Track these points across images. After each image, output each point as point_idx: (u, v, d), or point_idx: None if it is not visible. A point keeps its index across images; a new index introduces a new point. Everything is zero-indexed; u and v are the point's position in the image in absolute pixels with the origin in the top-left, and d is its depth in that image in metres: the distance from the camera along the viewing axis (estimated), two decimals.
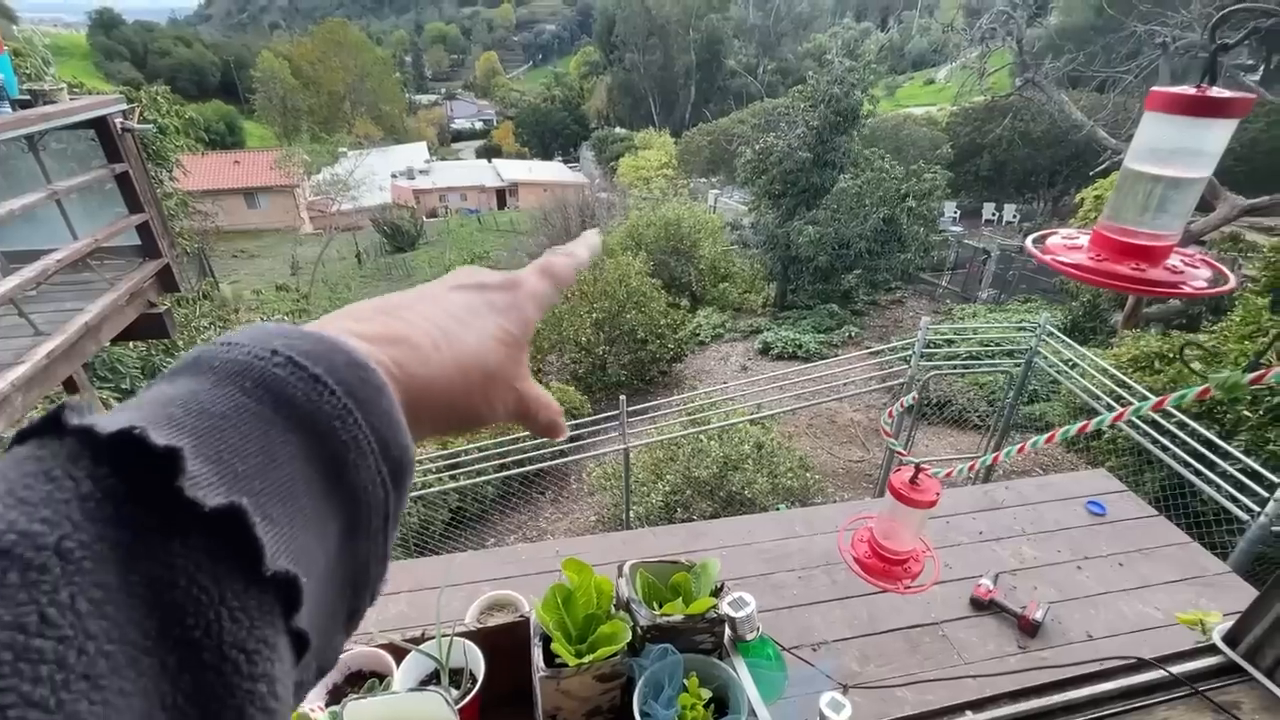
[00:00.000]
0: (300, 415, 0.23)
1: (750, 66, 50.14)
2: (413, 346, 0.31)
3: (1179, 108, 0.65)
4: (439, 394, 0.32)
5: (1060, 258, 0.77)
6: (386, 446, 0.25)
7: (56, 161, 4.28)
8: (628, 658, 0.82)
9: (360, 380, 0.25)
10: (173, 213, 10.00)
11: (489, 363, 0.35)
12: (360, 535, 0.25)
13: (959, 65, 12.76)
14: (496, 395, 0.36)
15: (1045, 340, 4.99)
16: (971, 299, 14.38)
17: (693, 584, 0.88)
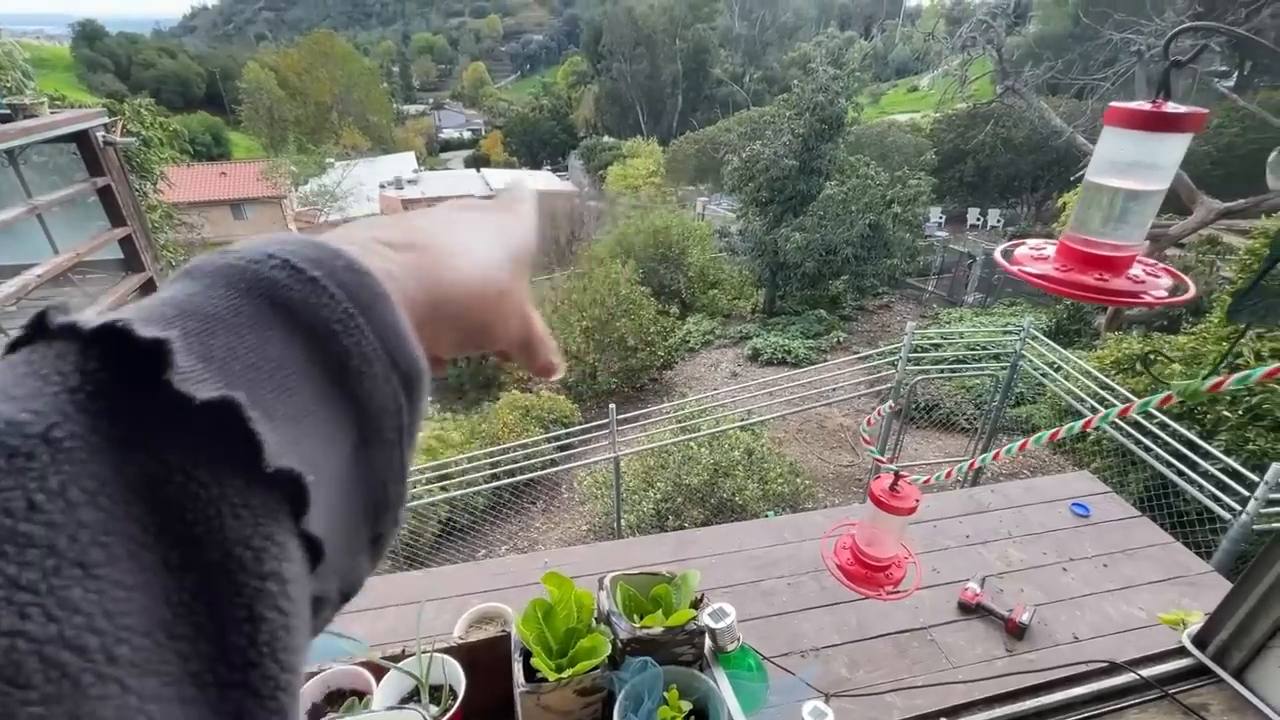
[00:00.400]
0: (299, 318, 0.22)
1: (736, 75, 50.60)
2: (432, 253, 0.31)
3: (1136, 123, 0.66)
4: (459, 302, 0.31)
5: (1027, 269, 0.78)
6: (394, 354, 0.24)
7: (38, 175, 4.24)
8: (608, 671, 0.82)
9: (362, 286, 0.24)
10: (157, 225, 9.92)
11: (504, 279, 0.35)
12: (375, 445, 0.24)
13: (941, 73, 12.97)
14: (509, 315, 0.36)
15: (1029, 343, 5.05)
16: (958, 303, 14.52)
17: (673, 595, 0.88)
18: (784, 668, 1.18)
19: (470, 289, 0.32)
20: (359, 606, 2.49)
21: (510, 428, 7.83)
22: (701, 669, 0.86)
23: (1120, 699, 0.78)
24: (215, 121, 46.87)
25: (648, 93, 48.21)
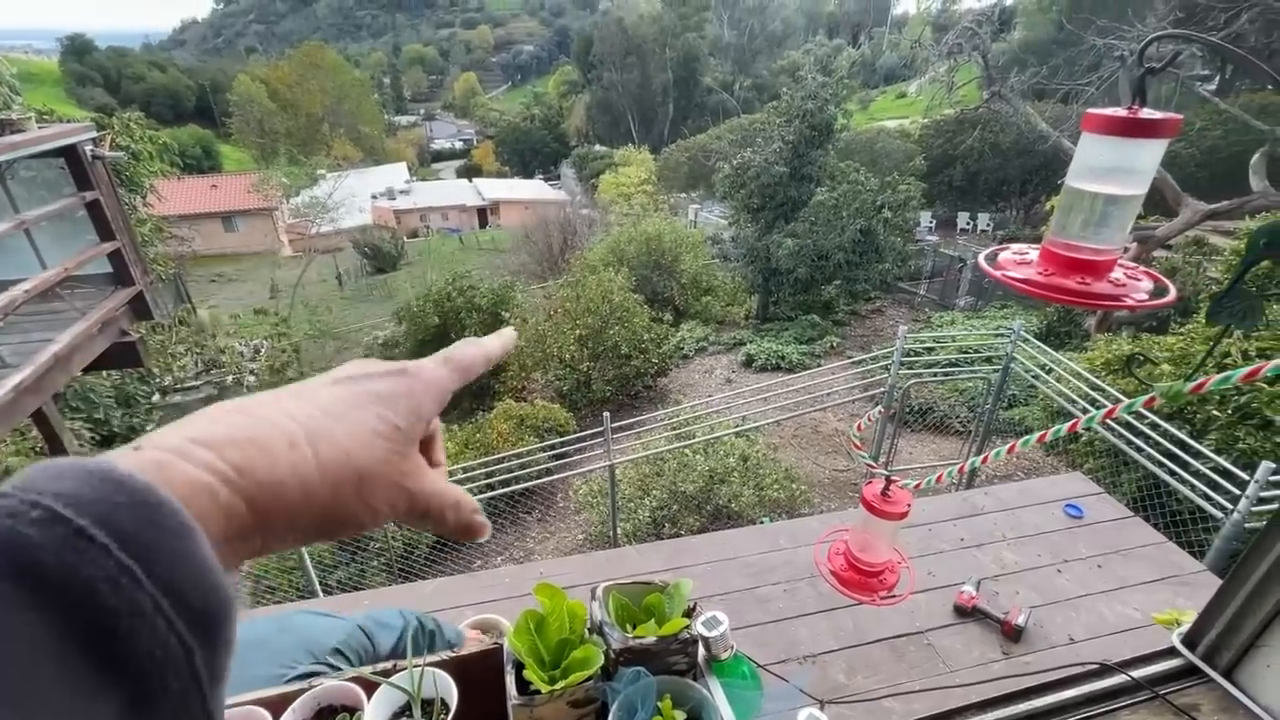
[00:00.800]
0: (48, 586, 0.19)
1: (726, 84, 50.97)
2: (261, 447, 0.28)
3: (1112, 129, 0.67)
4: (294, 498, 0.29)
5: (1011, 274, 0.79)
6: (183, 596, 0.22)
7: (25, 189, 4.22)
8: (601, 682, 0.81)
9: (146, 523, 0.22)
10: (147, 239, 9.88)
11: (362, 460, 0.31)
12: (155, 701, 0.21)
13: (928, 79, 13.10)
14: (377, 496, 0.32)
15: (1020, 346, 5.08)
16: (950, 306, 14.60)
17: (666, 604, 0.88)
18: (778, 674, 1.17)
19: (311, 482, 0.29)
20: None
21: (505, 437, 7.81)
22: (695, 678, 0.86)
23: (1112, 701, 0.78)
24: (205, 134, 46.84)
25: (639, 101, 48.49)
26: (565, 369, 10.11)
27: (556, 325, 10.42)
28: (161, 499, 0.23)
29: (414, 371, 0.38)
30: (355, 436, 0.32)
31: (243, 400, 0.31)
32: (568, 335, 10.03)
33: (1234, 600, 0.76)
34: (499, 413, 8.47)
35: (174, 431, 0.28)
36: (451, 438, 8.27)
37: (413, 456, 0.35)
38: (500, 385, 11.39)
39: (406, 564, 6.21)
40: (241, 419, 0.29)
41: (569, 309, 10.51)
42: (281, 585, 5.92)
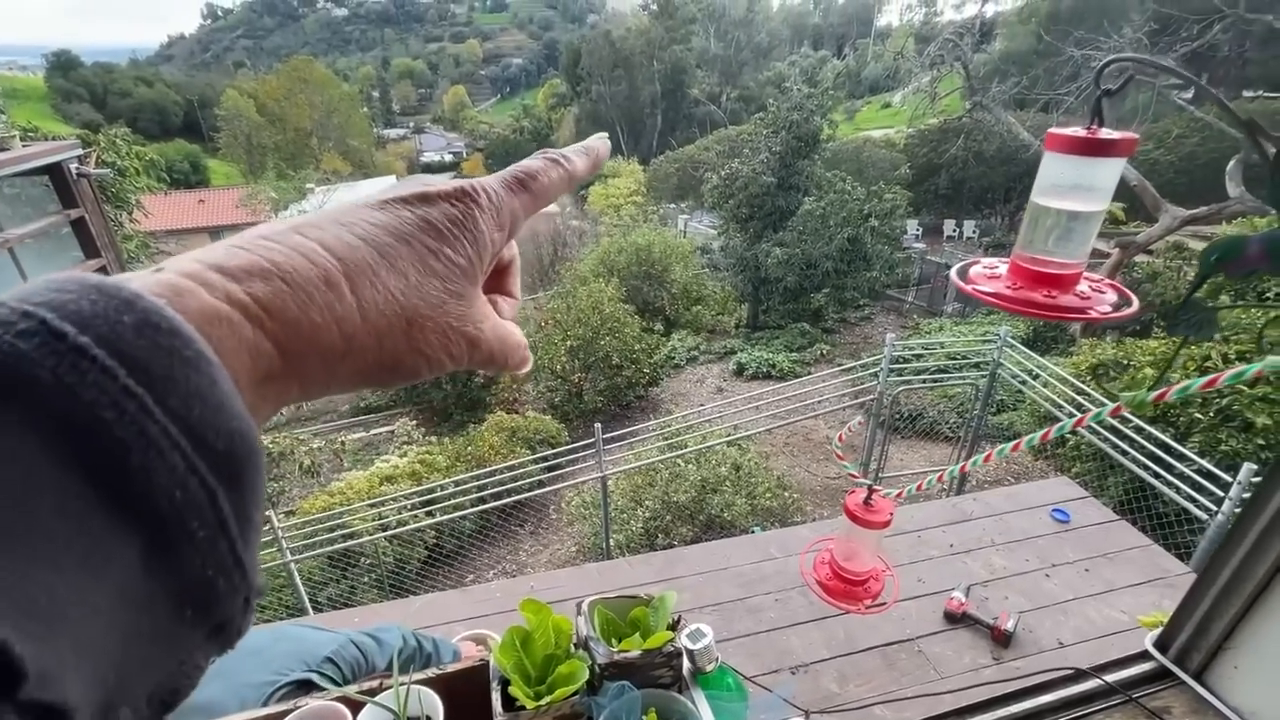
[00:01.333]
0: (44, 406, 0.17)
1: (714, 95, 51.46)
2: (292, 283, 0.25)
3: (1072, 148, 0.70)
4: (332, 343, 0.25)
5: (981, 287, 0.81)
6: (202, 436, 0.19)
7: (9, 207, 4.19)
8: (586, 697, 0.82)
9: (157, 348, 0.19)
10: (133, 255, 9.81)
11: (412, 303, 0.28)
12: (180, 547, 0.19)
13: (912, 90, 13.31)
14: (432, 344, 0.29)
15: (1007, 351, 5.14)
16: (937, 313, 14.73)
17: (651, 618, 0.89)
18: (763, 685, 1.18)
19: (352, 326, 0.26)
20: None
21: (497, 450, 7.78)
22: (680, 690, 0.86)
23: (1086, 705, 0.79)
24: (193, 149, 46.66)
25: (627, 113, 48.82)
26: (556, 380, 10.10)
27: (547, 336, 10.42)
28: (176, 324, 0.20)
29: (477, 194, 0.32)
30: (404, 275, 0.28)
31: (276, 225, 0.27)
32: (559, 346, 10.04)
33: (1203, 603, 0.77)
34: (490, 425, 8.44)
35: (195, 257, 0.25)
36: (443, 451, 8.24)
37: (473, 297, 0.31)
38: (491, 397, 11.36)
39: (398, 579, 6.15)
40: (271, 247, 0.26)
41: (560, 320, 10.52)
42: (271, 604, 5.85)
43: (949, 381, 7.46)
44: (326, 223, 0.28)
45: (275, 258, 0.25)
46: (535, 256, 20.56)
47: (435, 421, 11.96)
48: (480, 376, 11.11)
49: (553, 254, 20.50)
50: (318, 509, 6.45)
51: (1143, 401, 0.71)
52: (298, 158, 42.83)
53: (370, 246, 0.28)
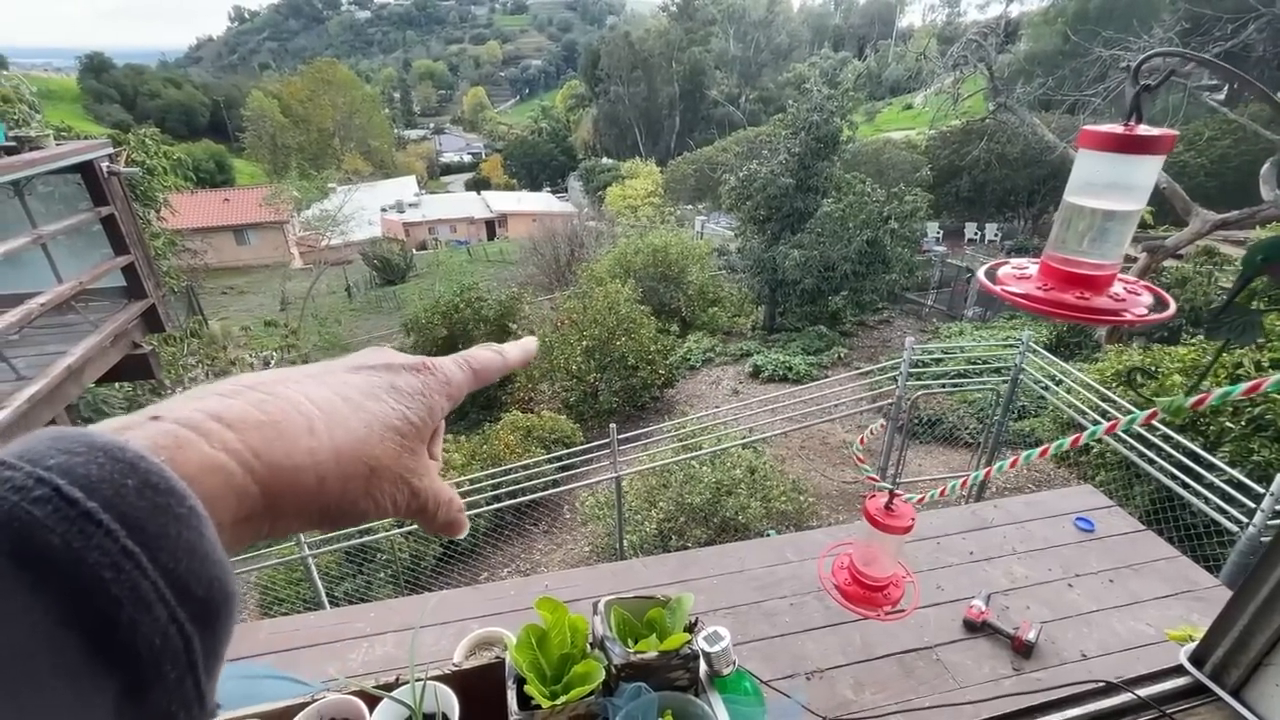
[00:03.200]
0: (53, 570, 0.19)
1: (732, 96, 51.33)
2: (280, 431, 0.28)
3: (1108, 145, 0.68)
4: (307, 486, 0.28)
5: (1010, 288, 0.79)
6: (186, 586, 0.21)
7: (43, 204, 4.29)
8: (601, 698, 0.81)
9: (155, 509, 0.21)
10: (160, 252, 10.02)
11: (376, 454, 0.31)
12: (150, 693, 0.21)
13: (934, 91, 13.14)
14: (384, 490, 0.32)
15: (1029, 356, 5.05)
16: (957, 317, 14.54)
17: (667, 619, 0.88)
18: (781, 690, 1.16)
19: (325, 471, 0.29)
20: (360, 633, 2.47)
21: (512, 449, 7.81)
22: (697, 693, 0.85)
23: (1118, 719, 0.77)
24: (219, 149, 47.56)
25: (645, 114, 48.88)
26: (572, 380, 10.13)
27: (563, 337, 10.46)
28: (173, 485, 0.22)
29: (433, 369, 0.37)
30: (372, 429, 0.32)
31: (261, 376, 0.31)
32: (575, 346, 10.06)
33: (1242, 617, 0.75)
34: (506, 424, 8.48)
35: (192, 403, 0.27)
36: (459, 448, 8.29)
37: (421, 453, 0.35)
38: (507, 396, 11.42)
39: (413, 575, 6.21)
40: (260, 397, 0.29)
41: (576, 320, 10.55)
42: (289, 597, 5.94)
43: (969, 386, 7.36)
44: (307, 378, 0.32)
45: (270, 408, 0.28)
46: (552, 257, 20.64)
47: (452, 419, 12.06)
48: None
49: (569, 254, 20.57)
50: None
51: (1180, 407, 0.69)
52: (320, 158, 43.53)
53: (346, 402, 0.32)
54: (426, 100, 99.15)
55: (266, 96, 45.51)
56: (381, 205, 35.49)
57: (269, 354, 14.48)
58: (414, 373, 0.36)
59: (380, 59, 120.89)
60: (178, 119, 56.25)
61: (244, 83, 65.22)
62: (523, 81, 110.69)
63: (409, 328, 12.77)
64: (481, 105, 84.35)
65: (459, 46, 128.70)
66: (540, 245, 21.37)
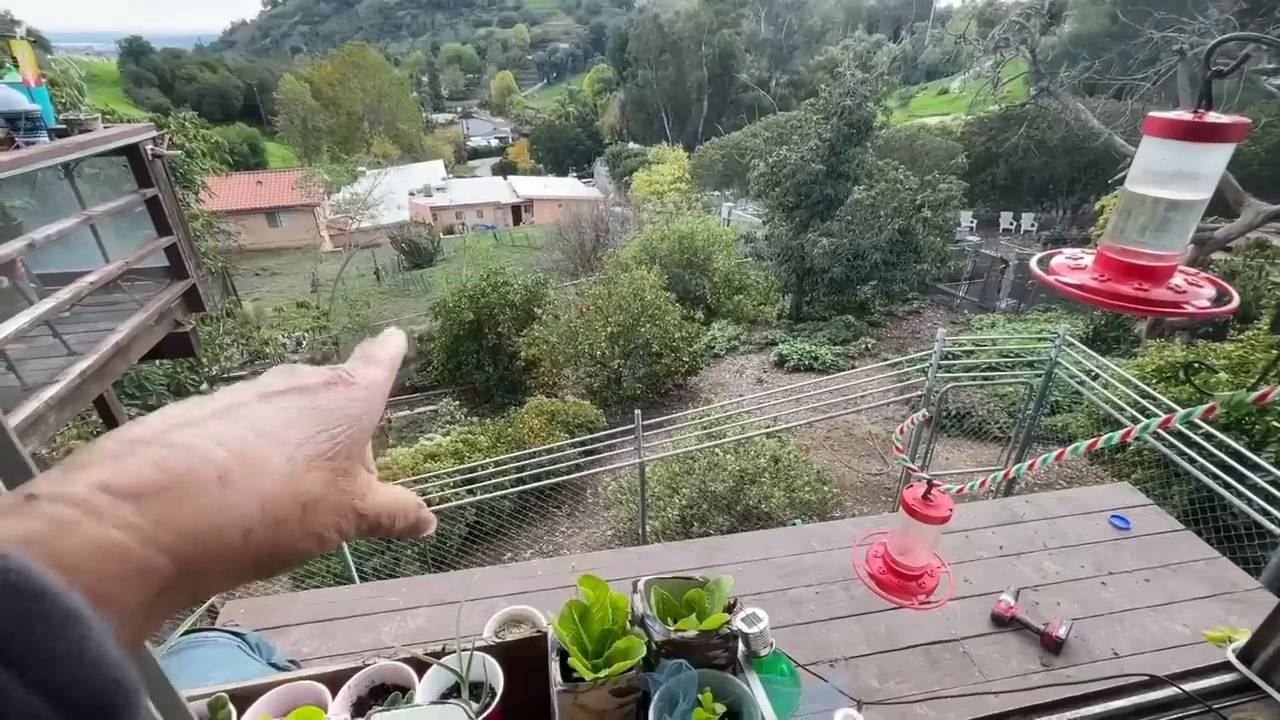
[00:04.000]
0: None
1: (762, 80, 50.46)
2: (185, 488, 0.24)
3: (1176, 133, 0.66)
4: (229, 542, 0.25)
5: (1064, 279, 0.78)
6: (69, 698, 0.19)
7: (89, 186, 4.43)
8: (643, 672, 0.83)
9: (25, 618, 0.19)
10: (198, 233, 10.29)
11: (307, 489, 0.28)
12: None
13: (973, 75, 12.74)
14: (325, 523, 0.29)
15: (1065, 350, 4.93)
16: (990, 309, 14.22)
17: (706, 600, 0.89)
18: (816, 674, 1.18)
19: (250, 522, 0.26)
20: (393, 606, 2.55)
21: (536, 432, 7.90)
22: (735, 673, 0.87)
23: (1162, 714, 0.76)
24: (252, 132, 48.37)
25: (673, 99, 48.35)
26: (596, 366, 10.17)
27: (588, 322, 10.49)
28: (44, 589, 0.19)
29: (349, 378, 0.33)
30: (296, 462, 0.28)
31: (156, 421, 0.27)
32: (599, 332, 10.09)
33: None
34: (530, 408, 8.57)
35: (79, 473, 0.24)
36: (484, 431, 8.42)
37: (356, 473, 0.31)
38: (532, 381, 11.53)
39: (440, 553, 6.35)
40: (159, 452, 0.25)
41: (601, 306, 10.58)
42: (320, 570, 6.12)
43: (1000, 379, 7.22)
44: (212, 418, 0.28)
45: (171, 464, 0.25)
46: (578, 242, 20.66)
47: (477, 402, 12.23)
48: (520, 359, 11.30)
49: (595, 240, 20.56)
50: None
51: (1241, 402, 0.68)
52: (350, 141, 44.05)
53: (262, 437, 0.28)
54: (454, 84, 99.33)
55: (298, 80, 46.08)
56: (410, 189, 35.84)
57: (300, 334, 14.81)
58: (331, 387, 0.32)
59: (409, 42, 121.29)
60: (213, 102, 57.27)
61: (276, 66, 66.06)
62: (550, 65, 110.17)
63: (436, 311, 12.93)
64: (509, 89, 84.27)
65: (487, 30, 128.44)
66: (566, 231, 21.40)
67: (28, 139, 3.29)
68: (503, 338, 11.86)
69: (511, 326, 11.80)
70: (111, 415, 4.62)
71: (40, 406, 3.06)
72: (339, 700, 0.83)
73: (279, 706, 0.84)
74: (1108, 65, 11.95)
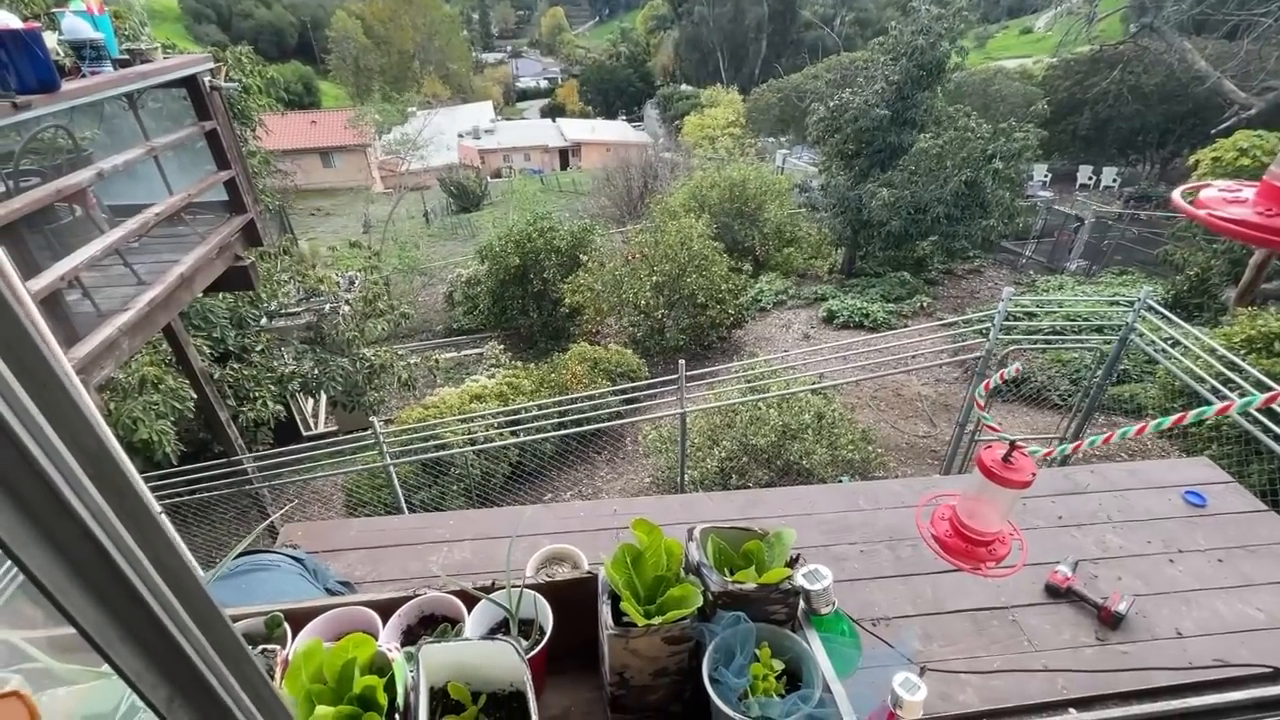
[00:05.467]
0: None
1: (827, 18, 47.41)
2: None
3: None
4: None
5: (1218, 213, 0.66)
6: None
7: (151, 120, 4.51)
8: (698, 622, 0.80)
9: None
10: (256, 170, 10.50)
11: None
12: None
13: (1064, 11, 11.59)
14: None
15: (1144, 316, 4.58)
16: (1058, 270, 13.41)
17: (765, 553, 0.85)
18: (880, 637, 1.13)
19: None
20: (440, 538, 2.63)
21: (578, 379, 7.97)
22: (794, 630, 0.83)
23: None
24: (306, 71, 48.64)
25: (730, 38, 46.03)
26: (640, 315, 10.11)
27: (633, 270, 10.38)
28: None
29: None
30: None
31: None
32: (644, 281, 9.98)
33: None
34: (574, 354, 8.63)
35: None
36: (528, 375, 8.55)
37: None
38: (575, 328, 11.58)
39: (483, 490, 6.57)
40: None
41: (646, 255, 10.42)
42: (372, 500, 6.43)
43: (1065, 344, 6.83)
44: None
45: None
46: (625, 188, 20.29)
47: (521, 347, 12.40)
48: (564, 306, 11.33)
49: (642, 186, 20.14)
50: (413, 419, 6.92)
51: None
52: (401, 81, 43.89)
53: None
54: (504, 21, 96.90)
55: (350, 17, 45.78)
56: (459, 131, 35.67)
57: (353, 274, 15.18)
58: None
59: None
60: (269, 39, 57.57)
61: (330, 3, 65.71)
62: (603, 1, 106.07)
63: (483, 255, 13.01)
64: (560, 27, 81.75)
65: None
66: (613, 176, 21.01)
67: (93, 68, 3.34)
68: (548, 284, 11.88)
69: (556, 273, 11.78)
70: (179, 344, 4.85)
71: (113, 332, 3.21)
72: (389, 628, 0.83)
73: (331, 630, 0.85)
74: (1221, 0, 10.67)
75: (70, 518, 0.25)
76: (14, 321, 0.26)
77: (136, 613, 0.29)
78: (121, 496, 0.28)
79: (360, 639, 0.80)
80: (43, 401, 0.24)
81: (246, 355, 7.53)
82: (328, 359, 7.99)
